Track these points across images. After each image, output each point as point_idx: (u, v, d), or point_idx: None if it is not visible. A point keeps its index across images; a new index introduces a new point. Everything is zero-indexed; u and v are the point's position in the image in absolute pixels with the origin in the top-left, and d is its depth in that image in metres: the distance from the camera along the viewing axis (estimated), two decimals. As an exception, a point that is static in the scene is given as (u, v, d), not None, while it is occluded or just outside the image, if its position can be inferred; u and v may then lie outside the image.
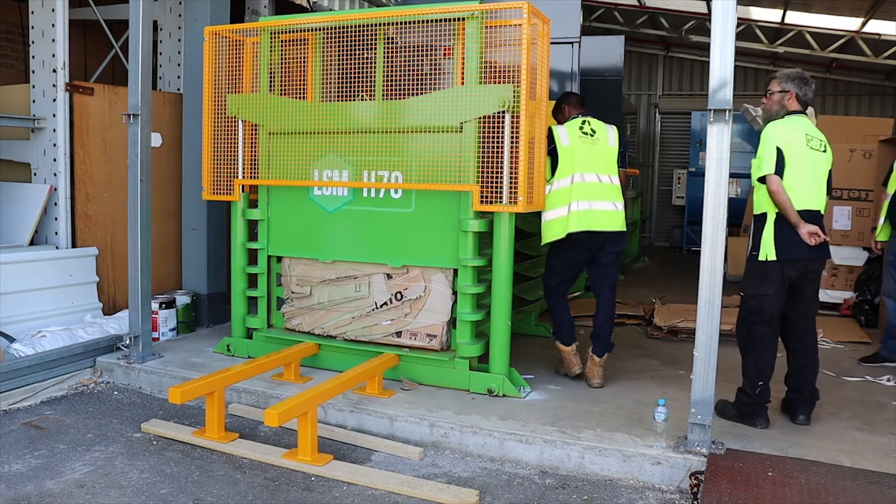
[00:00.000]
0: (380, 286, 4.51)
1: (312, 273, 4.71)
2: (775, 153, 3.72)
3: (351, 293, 4.59)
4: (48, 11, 5.29)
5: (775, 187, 3.70)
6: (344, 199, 4.60)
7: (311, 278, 4.71)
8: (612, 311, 4.60)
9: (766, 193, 3.78)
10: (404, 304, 4.44)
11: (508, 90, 4.01)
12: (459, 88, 4.17)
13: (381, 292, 4.51)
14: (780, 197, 3.70)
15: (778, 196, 3.70)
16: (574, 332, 4.65)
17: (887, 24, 10.04)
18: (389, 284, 4.49)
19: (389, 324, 4.48)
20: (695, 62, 14.18)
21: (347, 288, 4.61)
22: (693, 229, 12.76)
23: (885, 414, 4.18)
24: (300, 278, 4.75)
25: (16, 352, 4.67)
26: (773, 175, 3.71)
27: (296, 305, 4.79)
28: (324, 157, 4.59)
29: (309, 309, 4.73)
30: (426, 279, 4.39)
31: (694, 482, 3.31)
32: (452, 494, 3.25)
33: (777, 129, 3.81)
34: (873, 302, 6.64)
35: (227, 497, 3.26)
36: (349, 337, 4.59)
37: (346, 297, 4.61)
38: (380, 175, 4.44)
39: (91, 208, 5.57)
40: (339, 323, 4.63)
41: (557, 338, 4.64)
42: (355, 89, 4.48)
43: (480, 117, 4.12)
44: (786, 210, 3.71)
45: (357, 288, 4.57)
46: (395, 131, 4.37)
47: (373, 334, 4.53)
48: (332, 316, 4.66)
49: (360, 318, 4.57)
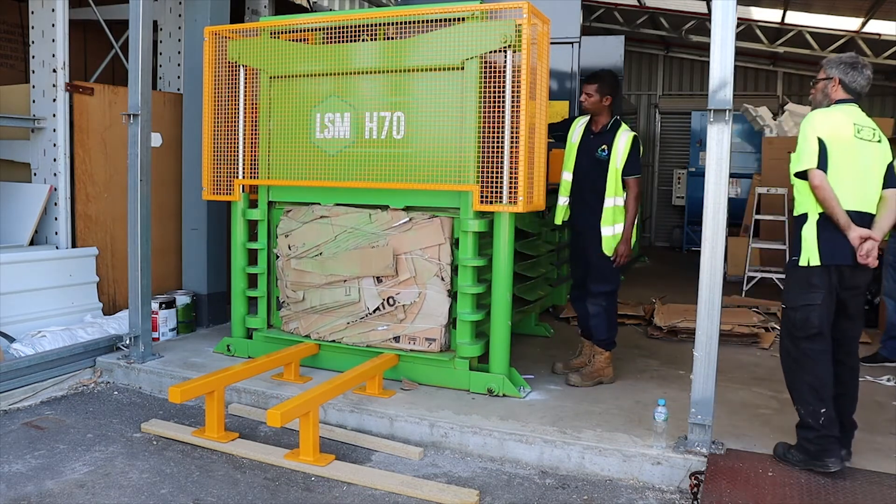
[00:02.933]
0: (370, 291, 4.43)
1: (304, 278, 4.63)
2: (817, 145, 3.22)
3: (342, 297, 4.52)
4: (48, 11, 5.29)
5: (818, 182, 3.19)
6: (346, 141, 4.54)
7: (304, 283, 4.64)
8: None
9: (807, 191, 3.29)
10: (398, 309, 4.38)
11: (510, 25, 3.98)
12: (461, 25, 4.13)
13: (372, 297, 4.43)
14: (824, 193, 3.18)
15: (822, 192, 3.19)
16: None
17: (887, 24, 10.05)
18: (379, 289, 4.41)
19: (386, 328, 4.43)
20: (695, 62, 14.18)
21: (338, 292, 4.53)
22: (693, 229, 12.75)
23: (885, 414, 4.18)
24: (294, 283, 4.68)
25: (16, 352, 4.67)
26: (816, 169, 3.20)
27: (292, 309, 4.76)
28: (325, 100, 4.55)
29: (304, 313, 4.69)
30: (419, 283, 4.32)
31: (694, 482, 3.31)
32: (452, 494, 3.25)
33: (818, 116, 3.32)
34: (873, 302, 6.64)
35: (227, 497, 3.26)
36: (348, 343, 4.55)
37: (337, 301, 4.54)
38: (381, 116, 4.40)
39: (91, 208, 5.57)
40: (335, 328, 4.59)
41: (611, 345, 4.55)
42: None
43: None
44: (832, 209, 3.19)
45: (347, 292, 4.49)
46: (396, 71, 4.34)
47: (370, 340, 4.49)
48: (327, 320, 4.61)
49: (355, 324, 4.52)
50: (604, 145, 4.33)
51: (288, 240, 4.70)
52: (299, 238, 4.66)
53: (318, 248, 4.57)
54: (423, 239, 4.31)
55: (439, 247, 4.27)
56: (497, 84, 4.06)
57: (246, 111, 4.85)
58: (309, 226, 4.63)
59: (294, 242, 4.68)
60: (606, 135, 4.35)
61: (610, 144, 4.31)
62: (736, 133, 11.55)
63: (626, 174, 4.28)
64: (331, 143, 4.56)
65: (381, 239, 4.38)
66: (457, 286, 4.30)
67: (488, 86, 4.09)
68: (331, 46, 4.50)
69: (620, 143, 4.28)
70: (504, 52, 4.03)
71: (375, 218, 4.42)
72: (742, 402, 4.29)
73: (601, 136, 4.37)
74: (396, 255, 4.34)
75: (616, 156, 4.27)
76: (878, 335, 5.67)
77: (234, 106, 4.85)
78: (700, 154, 12.36)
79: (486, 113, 4.11)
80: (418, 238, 4.31)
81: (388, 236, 4.37)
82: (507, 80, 4.03)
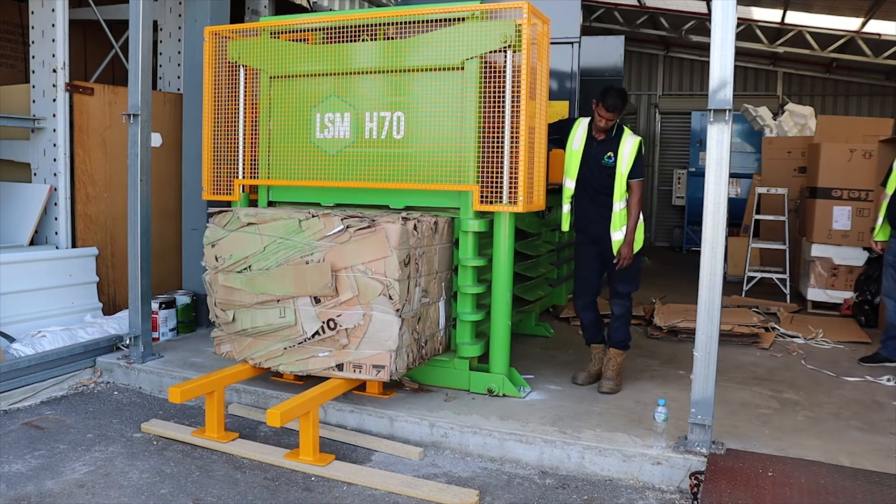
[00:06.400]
0: (307, 312, 3.85)
1: (233, 296, 4.03)
2: None
3: (275, 319, 3.93)
4: (48, 11, 5.29)
5: None
6: (346, 141, 4.51)
7: (233, 301, 4.04)
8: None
9: None
10: (340, 333, 3.80)
11: (510, 25, 3.98)
12: (461, 25, 4.13)
13: (311, 319, 3.84)
14: None
15: None
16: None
17: (887, 24, 10.05)
18: (318, 311, 3.82)
19: (328, 355, 3.86)
20: (695, 62, 14.19)
21: (271, 313, 3.93)
22: (693, 229, 12.76)
23: (885, 414, 4.18)
24: (222, 301, 4.08)
25: (16, 352, 4.67)
26: None
27: (224, 331, 4.17)
28: (325, 100, 4.53)
29: (237, 335, 4.11)
30: (363, 304, 3.75)
31: (694, 482, 3.31)
32: (452, 494, 3.25)
33: None
34: (873, 302, 6.64)
35: (227, 497, 3.26)
36: (285, 371, 4.02)
37: (271, 325, 3.95)
38: (381, 116, 4.39)
39: (91, 208, 5.57)
40: (271, 354, 4.01)
41: (629, 345, 4.60)
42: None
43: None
44: None
45: (282, 313, 3.90)
46: (396, 71, 4.33)
47: (310, 368, 3.91)
48: (261, 344, 4.04)
49: (293, 350, 3.94)
50: (609, 152, 4.32)
51: (215, 250, 4.09)
52: (226, 249, 4.05)
53: (246, 261, 3.98)
54: (365, 252, 3.73)
55: (384, 260, 3.70)
56: (497, 84, 4.06)
57: (246, 111, 4.84)
58: (235, 234, 4.03)
59: (221, 254, 4.07)
60: (611, 141, 4.34)
61: (615, 151, 4.31)
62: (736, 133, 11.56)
63: (630, 178, 4.30)
64: (331, 143, 4.56)
65: (316, 251, 3.80)
66: (456, 286, 4.30)
67: (488, 86, 4.09)
68: (331, 46, 4.50)
69: (626, 149, 4.29)
70: (504, 52, 4.03)
71: (306, 226, 3.84)
72: (742, 402, 4.29)
73: (606, 144, 4.34)
74: (335, 270, 3.76)
75: (622, 161, 4.28)
76: (878, 335, 5.68)
77: (234, 106, 4.85)
78: (700, 154, 12.37)
79: (486, 113, 4.11)
80: (359, 251, 3.74)
81: (324, 248, 3.79)
82: (507, 80, 4.03)
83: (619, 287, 4.47)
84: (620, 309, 4.50)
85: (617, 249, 4.31)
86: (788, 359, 5.37)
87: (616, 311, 4.51)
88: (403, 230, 3.74)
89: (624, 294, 4.49)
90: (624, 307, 4.50)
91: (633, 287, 4.51)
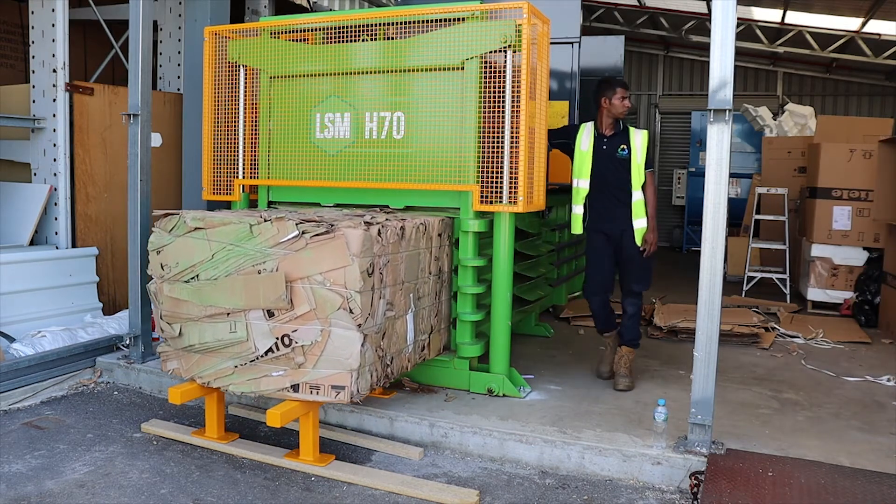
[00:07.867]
0: (260, 327, 3.49)
1: (180, 308, 3.68)
2: None
3: (225, 334, 3.57)
4: (48, 11, 5.29)
5: None
6: (346, 141, 4.51)
7: (180, 314, 3.69)
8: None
9: None
10: (295, 350, 3.44)
11: (510, 25, 3.99)
12: (461, 25, 4.13)
13: (263, 334, 3.49)
14: None
15: None
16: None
17: (887, 24, 10.05)
18: (272, 325, 3.46)
19: (282, 374, 3.51)
20: (695, 62, 14.19)
21: (221, 327, 3.58)
22: (693, 229, 12.77)
23: (885, 414, 4.18)
24: (168, 314, 3.74)
25: (16, 352, 4.67)
26: None
27: (170, 346, 3.83)
28: (325, 100, 4.53)
29: (184, 351, 3.76)
30: (321, 318, 3.38)
31: (694, 482, 3.31)
32: (452, 494, 3.25)
33: None
34: (873, 302, 6.64)
35: (227, 497, 3.26)
36: (236, 391, 3.65)
37: (220, 340, 3.59)
38: (381, 116, 4.40)
39: (91, 208, 5.57)
40: (221, 372, 3.65)
41: (638, 344, 4.68)
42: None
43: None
44: None
45: (232, 328, 3.55)
46: (396, 71, 4.34)
47: (262, 388, 3.55)
48: (210, 362, 3.68)
49: (244, 368, 3.58)
50: (622, 145, 4.48)
51: (160, 257, 3.73)
52: (172, 256, 3.68)
53: (193, 270, 3.62)
54: (323, 260, 3.37)
55: (344, 270, 3.34)
56: (497, 84, 4.07)
57: (246, 111, 4.84)
58: (182, 240, 3.66)
59: (167, 261, 3.70)
60: (622, 134, 4.50)
61: (627, 143, 4.48)
62: (736, 133, 11.56)
63: (645, 168, 4.47)
64: (331, 143, 4.56)
65: (269, 259, 3.45)
66: (456, 286, 4.30)
67: (488, 86, 4.09)
68: (331, 46, 4.50)
69: (637, 141, 4.47)
70: (504, 52, 4.03)
71: (258, 231, 3.48)
72: (742, 402, 4.29)
73: (617, 138, 4.49)
74: (290, 281, 3.40)
75: (636, 152, 4.45)
76: (878, 335, 5.68)
77: (234, 106, 4.85)
78: (700, 154, 12.38)
79: (486, 113, 4.11)
80: (316, 259, 3.38)
81: (278, 257, 3.43)
82: (507, 80, 4.03)
83: (633, 286, 4.57)
84: (633, 308, 4.60)
85: (641, 238, 4.43)
86: (788, 359, 5.37)
87: (630, 309, 4.60)
88: (366, 236, 3.36)
89: (637, 292, 4.59)
90: (637, 306, 4.61)
91: (646, 286, 4.61)
